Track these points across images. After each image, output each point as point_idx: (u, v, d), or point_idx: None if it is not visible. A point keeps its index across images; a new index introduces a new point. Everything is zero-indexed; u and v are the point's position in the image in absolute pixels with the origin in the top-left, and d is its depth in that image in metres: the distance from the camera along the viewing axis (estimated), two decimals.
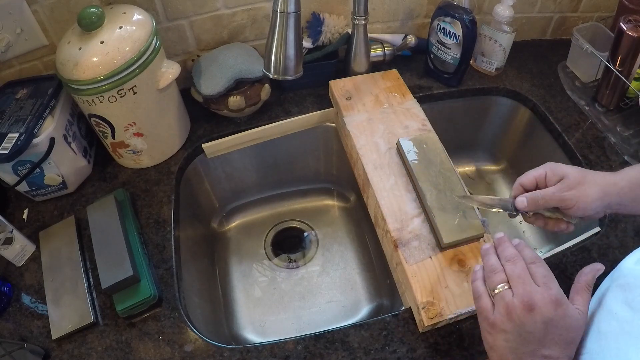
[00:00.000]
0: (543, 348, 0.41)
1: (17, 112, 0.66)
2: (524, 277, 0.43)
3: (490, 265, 0.46)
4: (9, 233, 0.63)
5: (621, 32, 0.72)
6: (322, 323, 0.81)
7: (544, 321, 0.41)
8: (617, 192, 0.50)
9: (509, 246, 0.47)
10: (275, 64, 0.60)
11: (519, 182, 0.54)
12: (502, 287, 0.44)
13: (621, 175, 0.51)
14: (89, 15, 0.61)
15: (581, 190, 0.50)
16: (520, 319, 0.41)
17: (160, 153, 0.76)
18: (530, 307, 0.41)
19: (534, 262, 0.45)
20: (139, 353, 0.56)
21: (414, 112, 0.75)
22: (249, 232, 0.95)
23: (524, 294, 0.42)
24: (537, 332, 0.41)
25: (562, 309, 0.41)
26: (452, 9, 0.76)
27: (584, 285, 0.44)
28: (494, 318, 0.43)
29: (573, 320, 0.42)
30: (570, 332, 0.41)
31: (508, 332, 0.42)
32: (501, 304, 0.43)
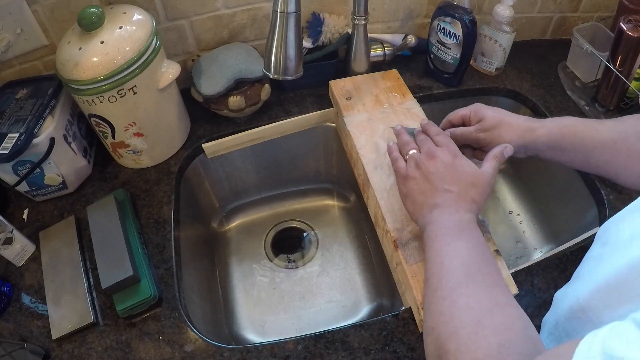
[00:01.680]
0: (444, 184, 0.50)
1: (17, 112, 0.66)
2: (429, 142, 0.55)
3: (404, 140, 0.58)
4: (9, 233, 0.63)
5: (621, 32, 0.72)
6: (322, 323, 0.81)
7: (444, 165, 0.51)
8: (533, 138, 0.55)
9: (420, 132, 0.59)
10: (275, 64, 0.60)
11: (447, 117, 0.63)
12: (412, 152, 0.55)
13: (541, 123, 0.56)
14: (89, 15, 0.61)
15: (495, 132, 0.57)
16: (425, 166, 0.52)
17: (160, 153, 0.76)
18: (433, 156, 0.52)
19: (439, 134, 0.56)
20: (139, 353, 0.56)
21: (414, 112, 0.75)
22: (249, 232, 0.95)
23: (427, 150, 0.53)
24: (439, 173, 0.50)
25: (459, 159, 0.52)
26: (452, 9, 0.76)
27: (492, 155, 0.53)
28: (407, 172, 0.53)
29: (471, 168, 0.51)
30: (469, 177, 0.50)
31: (417, 178, 0.52)
32: (412, 161, 0.54)
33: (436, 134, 0.56)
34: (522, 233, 0.90)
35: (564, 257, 0.63)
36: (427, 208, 0.50)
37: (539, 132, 0.55)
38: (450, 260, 0.44)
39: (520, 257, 0.86)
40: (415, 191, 0.52)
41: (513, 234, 0.90)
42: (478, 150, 0.61)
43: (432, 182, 0.50)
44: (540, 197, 0.91)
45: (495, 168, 0.52)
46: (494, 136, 0.57)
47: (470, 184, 0.50)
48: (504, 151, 0.53)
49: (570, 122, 0.55)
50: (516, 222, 0.91)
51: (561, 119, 0.56)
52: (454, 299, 0.41)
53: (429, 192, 0.51)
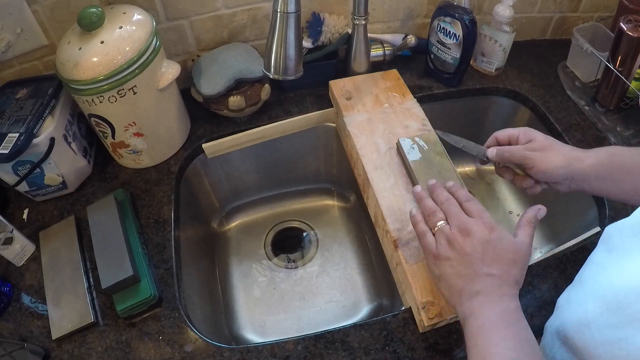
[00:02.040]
0: (485, 267, 0.45)
1: (17, 112, 0.66)
2: (458, 212, 0.49)
3: (428, 208, 0.52)
4: (9, 233, 0.63)
5: (621, 32, 0.72)
6: (322, 323, 0.81)
7: (481, 243, 0.46)
8: (581, 167, 0.53)
9: (443, 190, 0.53)
10: (275, 64, 0.60)
11: (495, 135, 0.61)
12: (441, 224, 0.49)
13: (589, 153, 0.54)
14: (89, 15, 0.61)
15: (544, 155, 0.55)
16: (460, 245, 0.46)
17: (160, 153, 0.76)
18: (467, 232, 0.47)
19: (468, 200, 0.51)
20: (139, 353, 0.56)
21: (414, 112, 0.75)
22: (249, 232, 0.95)
23: (460, 224, 0.48)
24: (476, 253, 0.46)
25: (496, 233, 0.47)
26: (452, 9, 0.76)
27: (526, 221, 0.49)
28: (438, 250, 0.48)
29: (510, 243, 0.46)
30: (509, 253, 0.46)
31: (451, 258, 0.47)
32: (442, 236, 0.48)
33: (466, 200, 0.51)
34: None
35: (564, 257, 0.63)
36: (466, 295, 0.45)
37: (588, 161, 0.53)
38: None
39: None
40: (450, 275, 0.47)
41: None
42: (518, 175, 0.59)
43: (470, 264, 0.46)
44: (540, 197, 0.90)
45: (532, 235, 0.48)
46: (542, 158, 0.54)
47: (512, 262, 0.46)
48: (537, 215, 0.50)
49: (617, 151, 0.54)
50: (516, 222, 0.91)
51: (608, 148, 0.54)
52: None
53: (467, 277, 0.46)
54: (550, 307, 0.57)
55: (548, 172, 0.54)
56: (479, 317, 0.44)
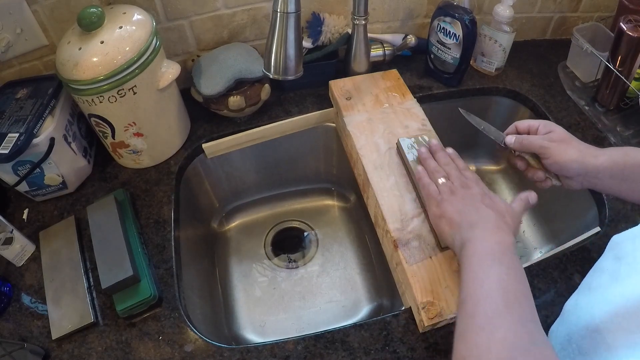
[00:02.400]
0: (482, 204, 0.51)
1: (17, 112, 0.66)
2: (459, 174, 0.56)
3: (432, 166, 0.59)
4: (9, 233, 0.63)
5: (621, 32, 0.72)
6: (322, 323, 0.81)
7: (480, 193, 0.53)
8: (595, 163, 0.54)
9: (445, 155, 0.60)
10: (275, 64, 0.60)
11: (515, 124, 0.63)
12: (442, 181, 0.56)
13: (604, 152, 0.55)
14: (89, 15, 0.61)
15: (561, 147, 0.56)
16: (461, 192, 0.53)
17: (160, 153, 0.76)
18: (468, 186, 0.54)
19: (465, 170, 0.57)
20: (139, 353, 0.56)
21: (414, 112, 0.75)
22: (249, 232, 0.95)
23: (461, 181, 0.55)
24: (475, 196, 0.52)
25: (491, 193, 0.53)
26: (452, 9, 0.76)
27: (520, 196, 0.54)
28: (441, 197, 0.54)
29: (503, 203, 0.52)
30: (501, 204, 0.51)
31: (453, 200, 0.53)
32: (445, 187, 0.55)
33: (464, 168, 0.58)
34: (522, 233, 0.89)
35: (564, 257, 0.63)
36: (466, 225, 0.49)
37: (602, 158, 0.54)
38: (490, 285, 0.42)
39: (520, 257, 0.86)
40: (451, 211, 0.52)
41: None
42: (531, 166, 0.60)
43: (471, 202, 0.51)
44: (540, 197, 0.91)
45: (523, 208, 0.53)
46: (559, 150, 0.56)
47: (505, 211, 0.50)
48: (529, 196, 0.54)
49: (631, 152, 0.54)
50: None
51: (623, 149, 0.55)
52: (492, 331, 0.38)
53: (467, 210, 0.51)
54: (551, 307, 0.57)
55: (563, 164, 0.55)
56: (476, 243, 0.46)
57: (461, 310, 0.43)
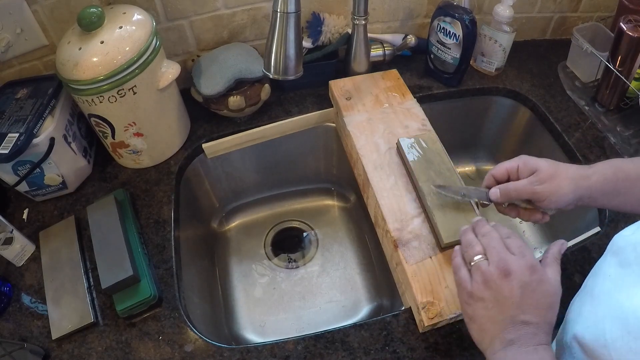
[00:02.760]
0: (522, 314, 0.41)
1: (17, 112, 0.66)
2: (498, 247, 0.45)
3: (467, 241, 0.48)
4: (9, 233, 0.63)
5: (621, 32, 0.72)
6: (322, 323, 0.81)
7: (521, 286, 0.42)
8: (588, 185, 0.51)
9: (485, 224, 0.49)
10: (275, 64, 0.60)
11: (491, 173, 0.56)
12: (478, 259, 0.45)
13: (593, 169, 0.52)
14: (89, 15, 0.61)
15: (553, 184, 0.51)
16: (497, 285, 0.42)
17: (160, 153, 0.76)
18: (506, 272, 0.42)
19: (510, 237, 0.47)
20: (139, 353, 0.56)
21: (414, 112, 0.75)
22: (249, 232, 0.95)
23: (499, 261, 0.43)
24: (514, 297, 0.42)
25: (537, 275, 0.43)
26: (452, 9, 0.76)
27: (552, 258, 0.46)
28: (472, 287, 0.44)
29: (549, 286, 0.43)
30: (547, 298, 0.42)
31: (486, 300, 0.43)
32: (478, 273, 0.44)
33: (507, 236, 0.47)
34: (522, 233, 0.89)
35: (564, 257, 0.63)
36: (499, 342, 0.42)
37: (594, 178, 0.51)
38: None
39: None
40: (484, 317, 0.43)
41: None
42: (524, 210, 0.55)
43: (506, 309, 0.42)
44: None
45: (559, 272, 0.46)
46: (552, 188, 0.51)
47: (550, 307, 0.43)
48: (561, 249, 0.48)
49: (619, 164, 0.52)
50: (516, 222, 0.91)
51: (611, 162, 0.53)
52: None
53: (502, 323, 0.42)
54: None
55: (560, 200, 0.51)
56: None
57: None
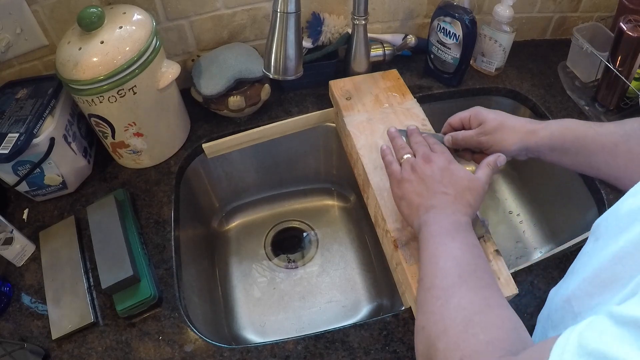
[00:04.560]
0: (441, 186, 0.50)
1: (17, 112, 0.66)
2: (424, 148, 0.55)
3: (399, 144, 0.57)
4: (9, 233, 0.63)
5: (621, 32, 0.72)
6: (322, 323, 0.81)
7: (440, 168, 0.52)
8: (535, 140, 0.55)
9: (418, 134, 0.58)
10: (275, 64, 0.60)
11: (448, 121, 0.63)
12: (407, 156, 0.55)
13: (543, 125, 0.56)
14: (89, 15, 0.61)
15: (497, 136, 0.56)
16: (421, 169, 0.52)
17: (160, 153, 0.76)
18: (429, 160, 0.52)
19: (435, 143, 0.57)
20: (139, 353, 0.56)
21: (414, 112, 0.75)
22: (249, 232, 0.95)
23: (423, 154, 0.54)
24: (435, 175, 0.51)
25: (454, 165, 0.53)
26: (452, 9, 0.76)
27: (485, 162, 0.53)
28: (402, 175, 0.53)
29: (466, 174, 0.51)
30: (464, 181, 0.51)
31: (412, 180, 0.52)
32: (407, 164, 0.54)
33: (433, 143, 0.56)
34: (522, 233, 0.90)
35: (563, 257, 0.63)
36: (423, 209, 0.50)
37: (541, 134, 0.55)
38: (444, 261, 0.45)
39: (520, 257, 0.86)
40: (411, 193, 0.52)
41: (513, 234, 0.90)
42: (477, 153, 0.60)
43: (429, 184, 0.51)
44: (540, 197, 0.91)
45: (489, 175, 0.52)
46: (496, 139, 0.56)
47: (466, 188, 0.50)
48: (497, 160, 0.53)
49: (571, 125, 0.55)
50: (516, 222, 0.91)
51: (562, 121, 0.56)
52: (446, 299, 0.41)
53: (425, 194, 0.51)
54: None
55: (504, 151, 0.56)
56: (431, 225, 0.48)
57: (419, 286, 0.46)
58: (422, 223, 0.49)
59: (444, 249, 0.46)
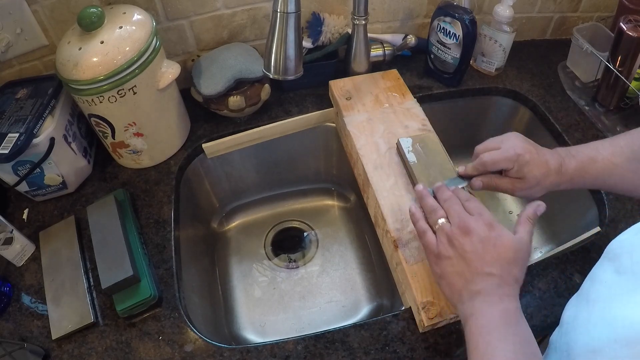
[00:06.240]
0: (485, 266, 0.45)
1: (17, 112, 0.66)
2: (459, 210, 0.49)
3: (429, 206, 0.52)
4: (9, 233, 0.63)
5: (621, 32, 0.72)
6: (322, 323, 0.81)
7: (481, 240, 0.46)
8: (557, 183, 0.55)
9: (446, 190, 0.53)
10: (275, 64, 0.60)
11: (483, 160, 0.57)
12: (442, 222, 0.49)
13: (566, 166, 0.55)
14: (89, 15, 0.61)
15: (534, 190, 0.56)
16: (460, 243, 0.46)
17: (160, 153, 0.76)
18: (467, 230, 0.47)
19: (469, 200, 0.51)
20: (139, 353, 0.56)
21: (414, 112, 0.75)
22: (249, 232, 0.95)
23: (459, 221, 0.48)
24: (476, 251, 0.46)
25: (495, 231, 0.47)
26: (452, 9, 0.76)
27: (525, 218, 0.49)
28: (439, 249, 0.48)
29: (510, 241, 0.46)
30: (509, 252, 0.46)
31: (452, 257, 0.47)
32: (442, 234, 0.48)
33: (466, 199, 0.51)
34: None
35: (563, 257, 0.63)
36: (467, 294, 0.45)
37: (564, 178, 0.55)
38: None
39: None
40: (451, 274, 0.47)
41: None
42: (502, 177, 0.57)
43: (470, 263, 0.46)
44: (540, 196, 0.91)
45: (531, 232, 0.48)
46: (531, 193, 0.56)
47: (512, 261, 0.46)
48: (536, 211, 0.50)
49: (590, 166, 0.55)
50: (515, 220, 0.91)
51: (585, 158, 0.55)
52: None
53: (467, 276, 0.46)
54: (550, 307, 0.57)
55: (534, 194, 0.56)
56: (479, 318, 0.44)
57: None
58: (468, 314, 0.45)
59: (495, 351, 0.41)
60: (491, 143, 0.58)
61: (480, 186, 0.57)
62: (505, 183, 0.56)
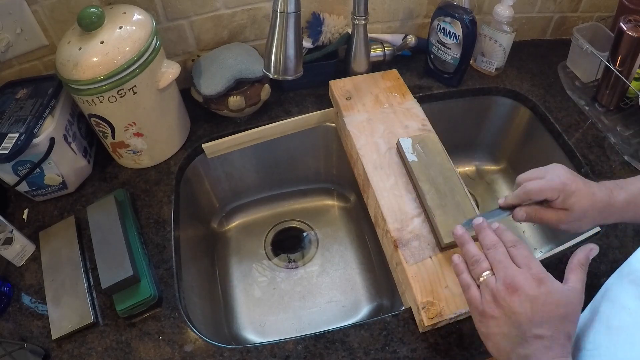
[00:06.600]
0: (534, 327, 0.41)
1: (17, 112, 0.66)
2: (504, 261, 0.44)
3: (472, 256, 0.47)
4: (9, 233, 0.63)
5: (621, 32, 0.72)
6: (322, 323, 0.81)
7: (529, 299, 0.41)
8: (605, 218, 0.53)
9: (489, 233, 0.48)
10: (275, 64, 0.60)
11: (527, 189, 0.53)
12: (486, 275, 0.45)
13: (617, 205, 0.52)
14: (89, 15, 0.61)
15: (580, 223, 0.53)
16: (506, 302, 0.42)
17: (160, 153, 0.76)
18: (514, 288, 0.42)
19: (515, 245, 0.46)
20: (139, 353, 0.56)
21: (414, 112, 0.75)
22: (249, 232, 0.95)
23: (505, 277, 0.43)
24: (524, 313, 0.41)
25: (545, 286, 0.42)
26: (452, 9, 0.76)
27: (577, 264, 0.45)
28: (483, 306, 0.44)
29: (561, 296, 0.42)
30: (560, 309, 0.42)
31: (497, 317, 0.43)
32: (487, 291, 0.44)
33: (512, 245, 0.46)
34: (522, 233, 0.89)
35: (563, 257, 0.63)
36: (515, 358, 0.42)
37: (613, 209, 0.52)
38: None
39: None
40: (498, 335, 0.43)
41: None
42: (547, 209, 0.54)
43: (519, 326, 0.42)
44: None
45: (583, 280, 0.44)
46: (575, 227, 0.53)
47: (564, 317, 0.42)
48: (589, 255, 0.46)
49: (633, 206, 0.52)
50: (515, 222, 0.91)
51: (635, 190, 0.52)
52: None
53: (515, 339, 0.42)
54: None
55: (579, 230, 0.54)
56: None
57: None
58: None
59: None
60: (534, 172, 0.54)
61: (524, 217, 0.54)
62: (550, 214, 0.53)
